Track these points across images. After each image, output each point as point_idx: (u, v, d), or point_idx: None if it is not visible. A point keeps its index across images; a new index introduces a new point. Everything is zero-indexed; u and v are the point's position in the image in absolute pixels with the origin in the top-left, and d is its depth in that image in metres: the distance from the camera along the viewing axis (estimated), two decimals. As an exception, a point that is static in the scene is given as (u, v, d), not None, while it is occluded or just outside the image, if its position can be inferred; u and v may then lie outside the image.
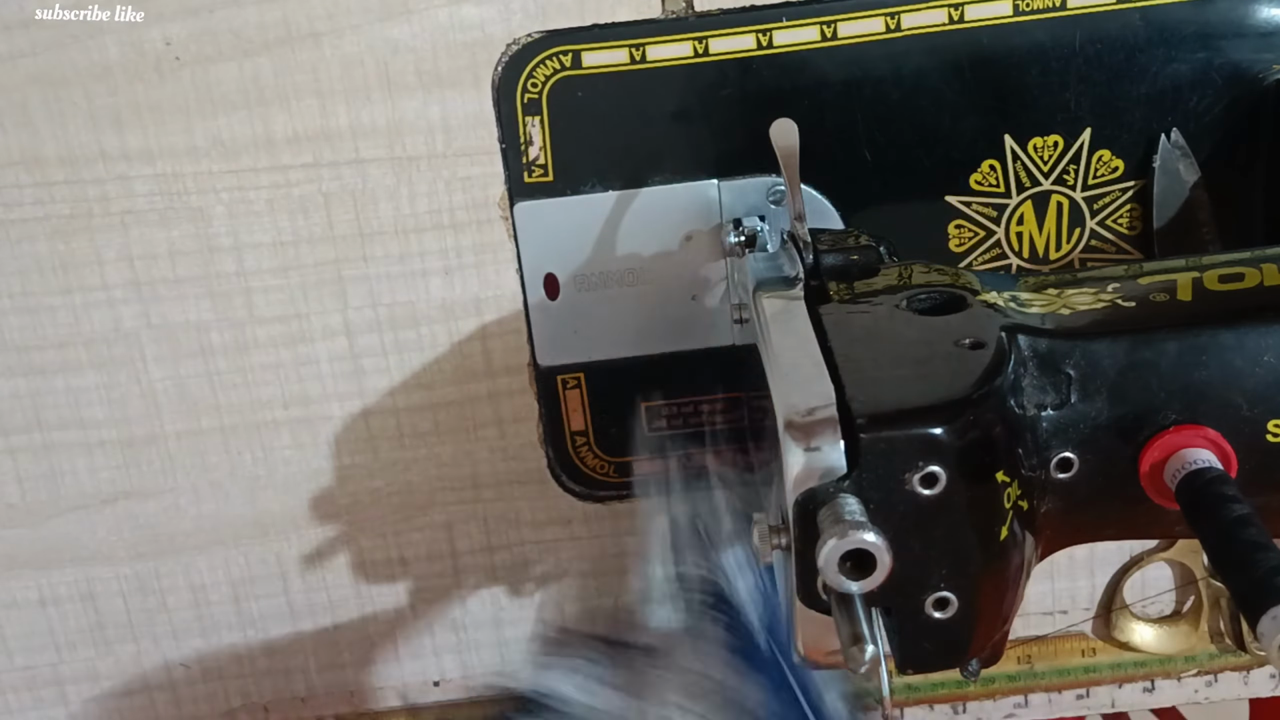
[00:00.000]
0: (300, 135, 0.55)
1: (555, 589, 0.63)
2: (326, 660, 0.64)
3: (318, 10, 0.53)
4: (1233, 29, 0.54)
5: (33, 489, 0.59)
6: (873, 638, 0.36)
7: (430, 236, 0.57)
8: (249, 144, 0.55)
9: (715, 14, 0.54)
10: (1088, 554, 0.63)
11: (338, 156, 0.55)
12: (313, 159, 0.55)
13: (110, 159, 0.55)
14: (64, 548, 0.61)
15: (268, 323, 0.58)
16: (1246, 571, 0.35)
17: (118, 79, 0.54)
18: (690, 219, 0.56)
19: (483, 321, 0.58)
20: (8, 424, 0.59)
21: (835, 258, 0.47)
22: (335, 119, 0.55)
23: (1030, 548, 0.42)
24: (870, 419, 0.38)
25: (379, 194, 0.56)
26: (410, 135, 0.55)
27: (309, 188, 0.56)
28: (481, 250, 0.57)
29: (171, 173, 0.55)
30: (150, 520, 0.60)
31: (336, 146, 0.55)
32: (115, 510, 0.59)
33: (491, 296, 0.58)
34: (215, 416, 0.59)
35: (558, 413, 0.60)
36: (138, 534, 0.60)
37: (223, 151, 0.55)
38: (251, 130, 0.55)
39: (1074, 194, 0.57)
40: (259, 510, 0.61)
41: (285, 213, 0.56)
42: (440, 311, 0.58)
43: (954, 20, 0.54)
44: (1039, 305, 0.43)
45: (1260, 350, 0.41)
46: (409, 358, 0.58)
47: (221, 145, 0.55)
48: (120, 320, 0.57)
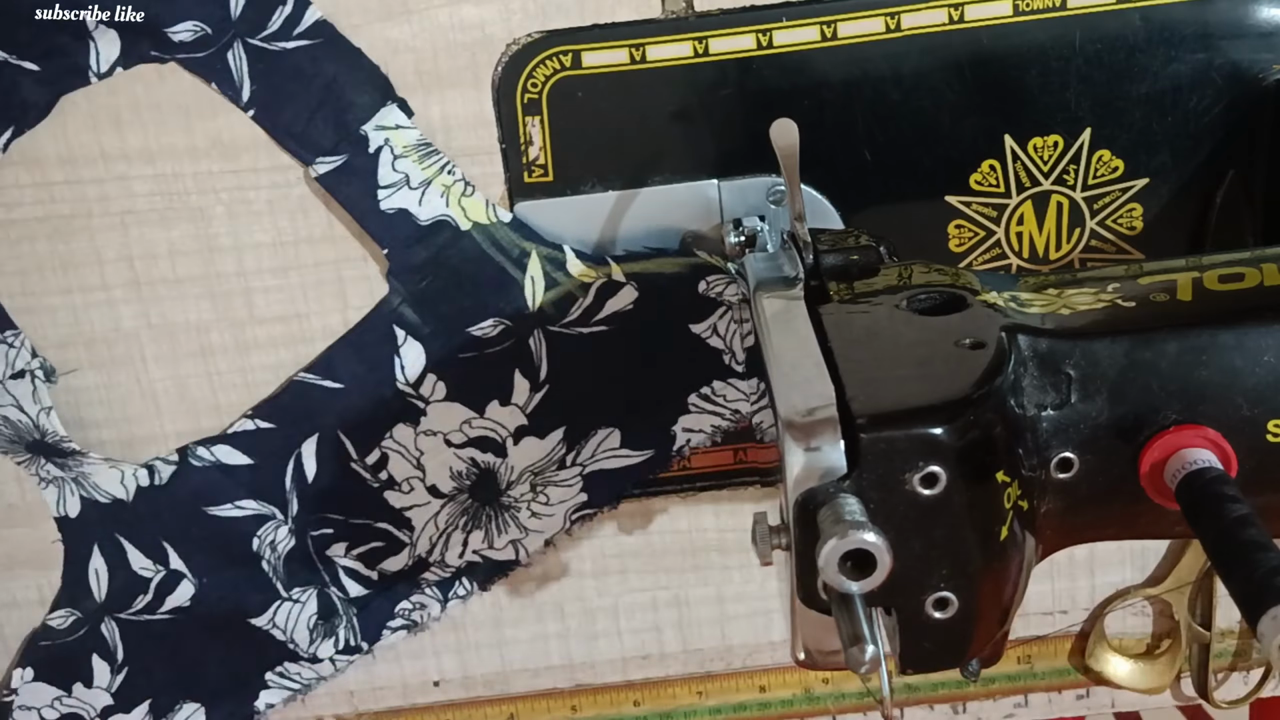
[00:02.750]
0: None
1: (555, 589, 0.63)
2: (326, 660, 0.64)
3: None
4: (1233, 29, 0.54)
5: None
6: (873, 638, 0.36)
7: (430, 236, 0.57)
8: (249, 144, 0.55)
9: (715, 14, 0.54)
10: (1088, 554, 0.63)
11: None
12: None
13: (110, 159, 0.55)
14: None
15: (268, 323, 0.58)
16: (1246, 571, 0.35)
17: (118, 79, 0.54)
18: (690, 219, 0.56)
19: (483, 321, 0.58)
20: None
21: (835, 258, 0.47)
22: (335, 119, 0.55)
23: (1030, 548, 0.42)
24: (870, 419, 0.38)
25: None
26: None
27: (309, 187, 0.56)
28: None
29: (171, 173, 0.55)
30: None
31: (336, 146, 0.55)
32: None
33: (491, 296, 0.58)
34: (215, 416, 0.59)
35: (558, 413, 0.60)
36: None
37: (223, 151, 0.55)
38: (251, 130, 0.55)
39: (1074, 194, 0.57)
40: (259, 510, 0.61)
41: (285, 213, 0.56)
42: (440, 311, 0.58)
43: (954, 20, 0.54)
44: (1039, 305, 0.43)
45: (1260, 350, 0.41)
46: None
47: (221, 145, 0.55)
48: (120, 320, 0.57)
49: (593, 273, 0.56)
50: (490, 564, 0.61)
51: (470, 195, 0.55)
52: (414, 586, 0.61)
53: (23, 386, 0.57)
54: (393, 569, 0.61)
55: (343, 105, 0.54)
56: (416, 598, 0.61)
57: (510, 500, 0.60)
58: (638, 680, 0.65)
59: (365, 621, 0.61)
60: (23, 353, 0.57)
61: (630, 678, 0.65)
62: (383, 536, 0.60)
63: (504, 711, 0.65)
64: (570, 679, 0.64)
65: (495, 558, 0.61)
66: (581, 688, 0.65)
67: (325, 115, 0.54)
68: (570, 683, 0.64)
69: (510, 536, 0.61)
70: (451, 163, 0.55)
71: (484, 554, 0.61)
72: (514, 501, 0.60)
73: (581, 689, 0.65)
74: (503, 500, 0.60)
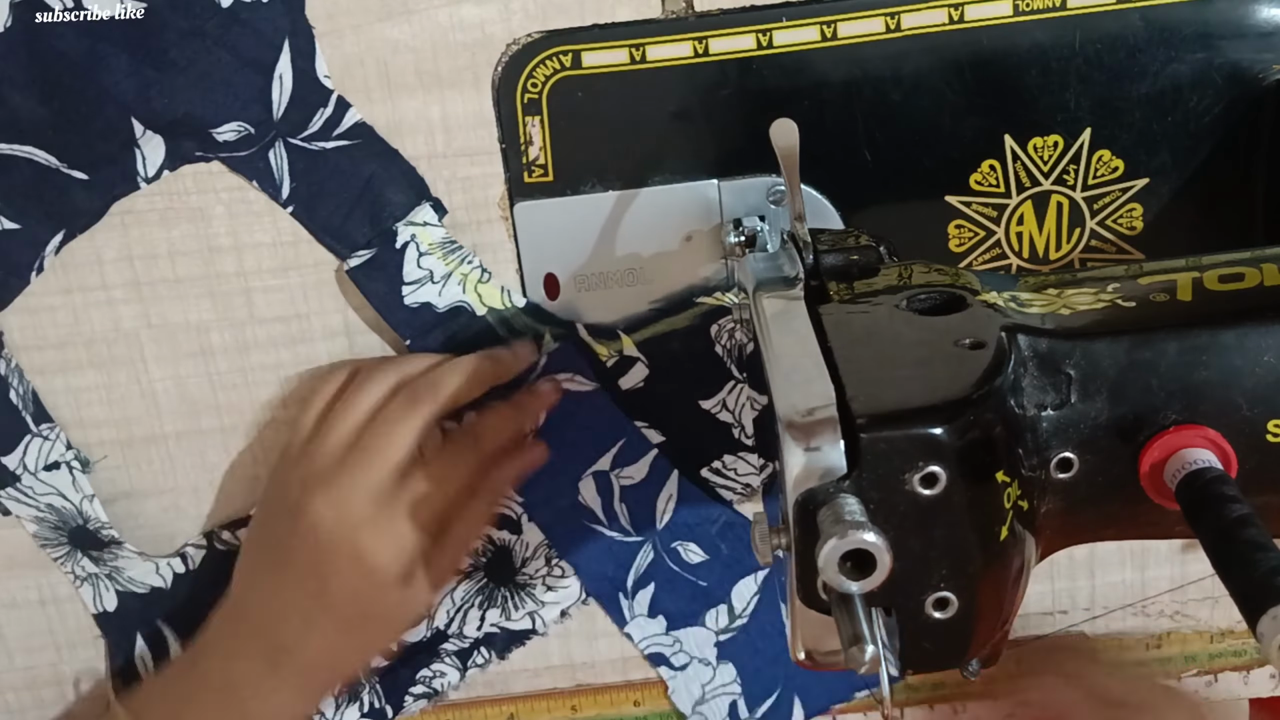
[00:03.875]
0: (300, 135, 0.55)
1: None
2: (326, 660, 0.64)
3: (318, 11, 0.53)
4: (1233, 29, 0.54)
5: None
6: (873, 638, 0.36)
7: (430, 236, 0.57)
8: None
9: (715, 14, 0.53)
10: (1088, 554, 0.63)
11: (338, 156, 0.55)
12: (313, 159, 0.55)
13: (110, 159, 0.55)
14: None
15: (268, 323, 0.58)
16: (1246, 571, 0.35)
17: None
18: (690, 219, 0.56)
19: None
20: (8, 424, 0.59)
21: (835, 258, 0.47)
22: (335, 119, 0.55)
23: (1030, 548, 0.42)
24: (870, 419, 0.38)
25: (379, 194, 0.56)
26: (410, 135, 0.55)
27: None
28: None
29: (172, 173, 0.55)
30: (151, 520, 0.60)
31: (336, 146, 0.55)
32: (115, 510, 0.59)
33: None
34: (215, 416, 0.59)
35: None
36: (138, 534, 0.60)
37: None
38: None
39: (1074, 194, 0.57)
40: (259, 510, 0.61)
41: (285, 213, 0.56)
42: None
43: (954, 20, 0.54)
44: (1039, 305, 0.43)
45: (1260, 350, 0.41)
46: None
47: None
48: (120, 320, 0.57)
49: (604, 349, 0.57)
50: (508, 634, 0.63)
51: (486, 282, 0.57)
52: (434, 656, 0.62)
53: (61, 477, 0.58)
54: (411, 639, 0.62)
55: (379, 203, 0.55)
56: (437, 666, 0.62)
57: (526, 578, 0.61)
58: (638, 680, 0.65)
59: (388, 688, 0.62)
60: (58, 445, 0.58)
61: (630, 678, 0.65)
62: None
63: (504, 711, 0.65)
64: (570, 679, 0.64)
65: (513, 628, 0.62)
66: (581, 688, 0.65)
67: (361, 212, 0.55)
68: (570, 683, 0.64)
69: (527, 609, 0.62)
70: (472, 254, 0.56)
71: (501, 625, 0.62)
72: (529, 579, 0.61)
73: (581, 689, 0.65)
74: (518, 579, 0.61)
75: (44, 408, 0.58)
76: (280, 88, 0.53)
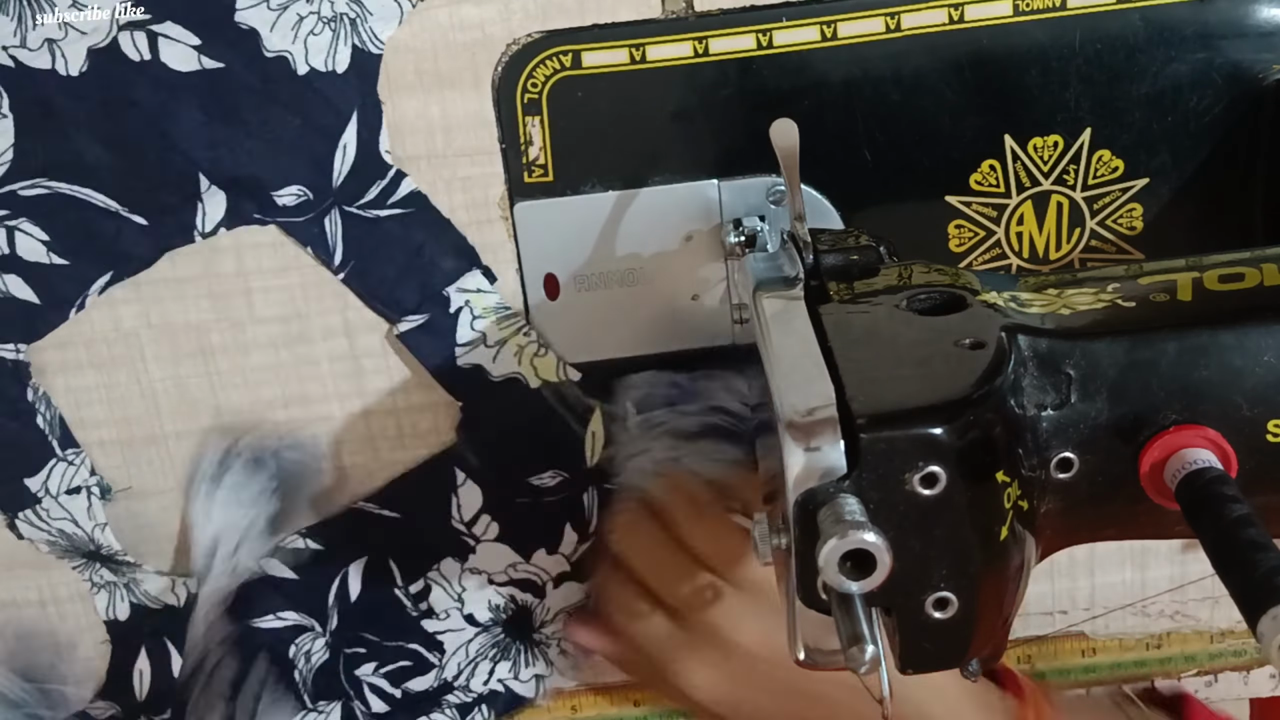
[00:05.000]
0: (300, 135, 0.55)
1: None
2: (326, 660, 0.64)
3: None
4: (1233, 29, 0.54)
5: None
6: (873, 638, 0.36)
7: (430, 237, 0.57)
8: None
9: (715, 14, 0.53)
10: (1088, 554, 0.63)
11: (338, 156, 0.55)
12: (313, 159, 0.55)
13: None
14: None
15: (268, 323, 0.58)
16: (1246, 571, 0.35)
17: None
18: (690, 219, 0.56)
19: (483, 321, 0.58)
20: (8, 424, 0.59)
21: (835, 258, 0.47)
22: (335, 119, 0.55)
23: (1030, 548, 0.42)
24: (870, 419, 0.38)
25: (379, 194, 0.56)
26: (410, 135, 0.55)
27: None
28: (481, 250, 0.57)
29: (172, 173, 0.55)
30: (150, 520, 0.60)
31: (336, 147, 0.55)
32: (115, 510, 0.59)
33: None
34: (215, 416, 0.59)
35: (558, 413, 0.60)
36: (138, 534, 0.60)
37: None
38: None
39: (1074, 194, 0.57)
40: (259, 510, 0.61)
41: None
42: (440, 312, 0.58)
43: (954, 20, 0.54)
44: (1039, 305, 0.43)
45: (1260, 350, 0.41)
46: (409, 358, 0.58)
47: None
48: (120, 320, 0.57)
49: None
50: (510, 695, 0.63)
51: (543, 355, 0.57)
52: (435, 705, 0.63)
53: (78, 502, 0.58)
54: (417, 689, 0.62)
55: (429, 270, 0.56)
56: (437, 716, 0.63)
57: (542, 637, 0.62)
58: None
59: None
60: (81, 470, 0.58)
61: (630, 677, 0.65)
62: (412, 657, 0.62)
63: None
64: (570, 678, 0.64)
65: (516, 690, 0.63)
66: (582, 688, 0.65)
67: (412, 278, 0.56)
68: (571, 682, 0.64)
69: (535, 671, 0.63)
70: (527, 325, 0.57)
71: (506, 683, 0.63)
72: (545, 639, 0.62)
73: (581, 689, 0.65)
74: (534, 636, 0.62)
75: (70, 433, 0.58)
76: (343, 157, 0.54)
